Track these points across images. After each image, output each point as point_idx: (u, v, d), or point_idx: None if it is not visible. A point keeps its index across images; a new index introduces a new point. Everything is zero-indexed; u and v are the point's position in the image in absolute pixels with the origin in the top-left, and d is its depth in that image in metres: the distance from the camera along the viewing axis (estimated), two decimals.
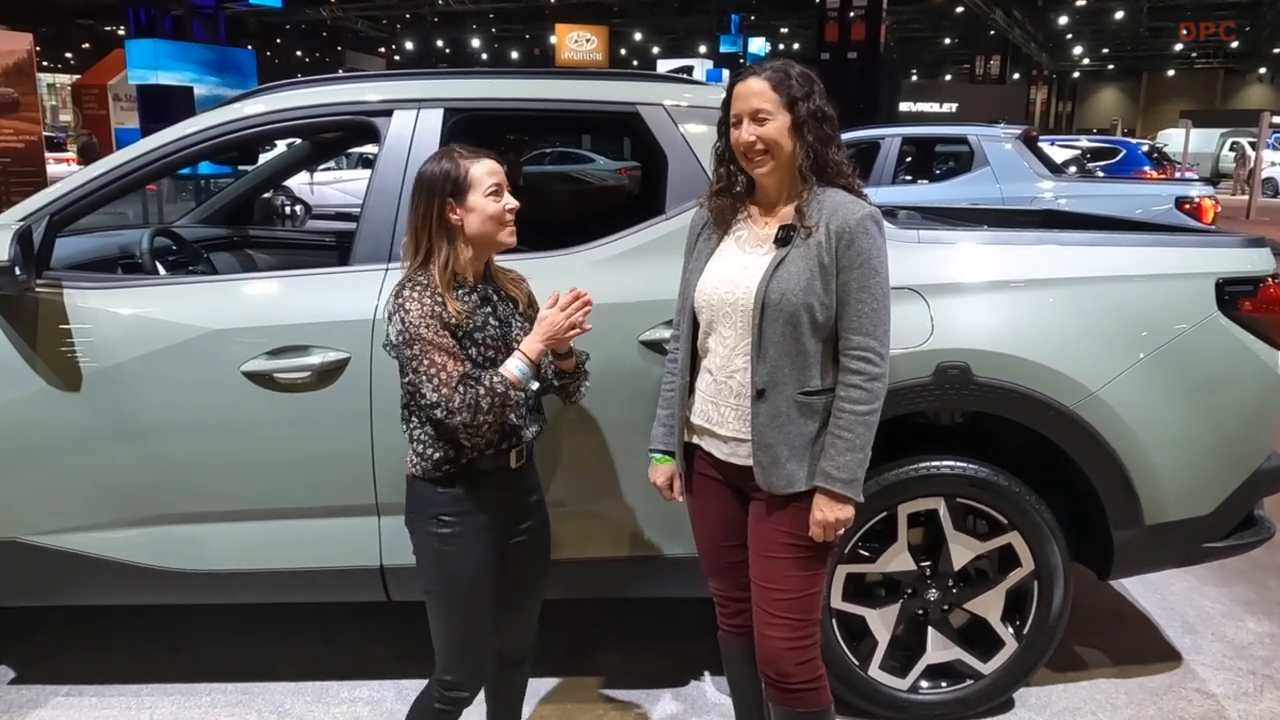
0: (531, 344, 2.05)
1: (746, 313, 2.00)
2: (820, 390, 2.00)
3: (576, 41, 27.32)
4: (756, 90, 1.97)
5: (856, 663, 2.69)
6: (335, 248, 3.89)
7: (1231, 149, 26.72)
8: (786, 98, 1.96)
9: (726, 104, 2.04)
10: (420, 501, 2.11)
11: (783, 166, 1.99)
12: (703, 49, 36.06)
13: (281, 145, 5.55)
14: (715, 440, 2.12)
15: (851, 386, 1.97)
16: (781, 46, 41.24)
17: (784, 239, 1.99)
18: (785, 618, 2.06)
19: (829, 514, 1.99)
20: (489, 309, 2.10)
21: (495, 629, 2.18)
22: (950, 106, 29.77)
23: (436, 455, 2.06)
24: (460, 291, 2.06)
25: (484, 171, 2.06)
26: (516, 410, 2.07)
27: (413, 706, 2.19)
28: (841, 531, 2.03)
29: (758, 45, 31.63)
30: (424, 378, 1.96)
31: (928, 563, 2.68)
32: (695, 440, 2.18)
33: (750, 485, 2.07)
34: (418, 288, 2.00)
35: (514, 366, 2.03)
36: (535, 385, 2.12)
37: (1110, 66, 55.00)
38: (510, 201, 2.09)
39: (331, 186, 16.00)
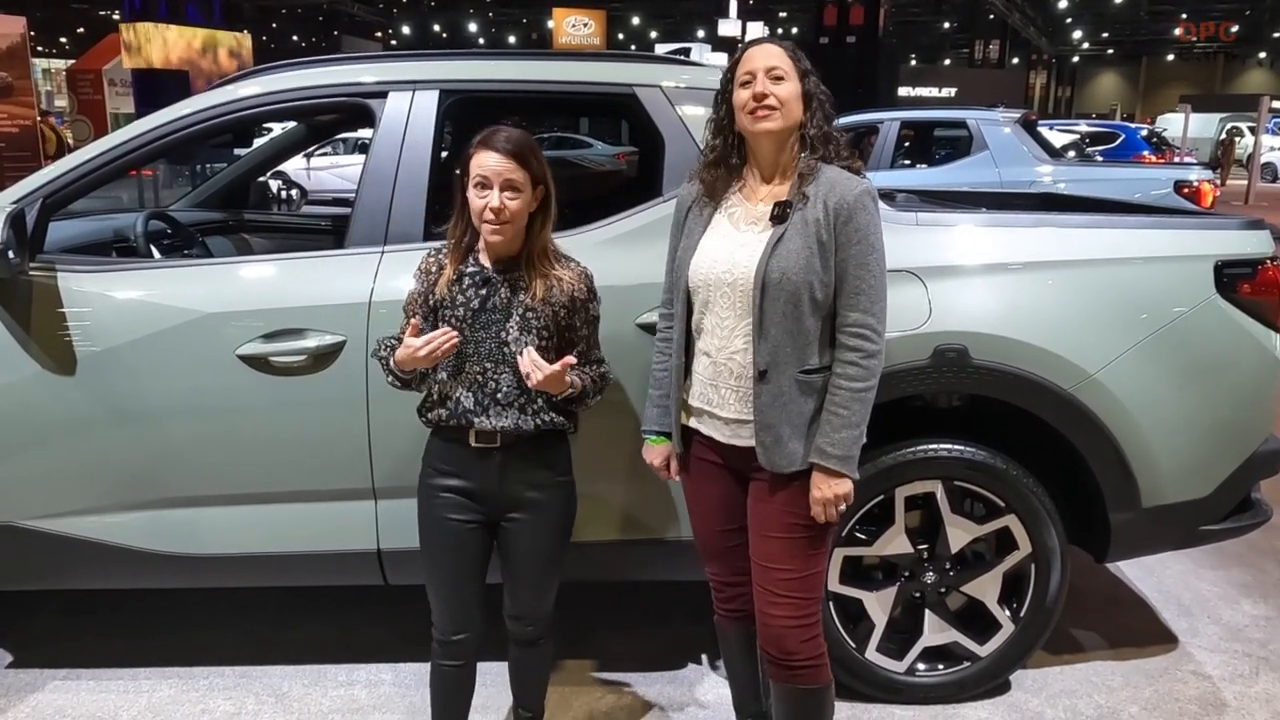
0: (399, 353, 2.08)
1: (746, 292, 1.98)
2: (819, 368, 1.99)
3: (574, 25, 27.13)
4: (774, 52, 2.00)
5: (854, 645, 2.69)
6: (331, 231, 3.88)
7: (1222, 135, 26.38)
8: (800, 68, 2.00)
9: (729, 74, 2.04)
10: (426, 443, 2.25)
11: (788, 130, 1.99)
12: (701, 33, 35.89)
13: (277, 129, 5.52)
14: (715, 422, 2.10)
15: (849, 364, 1.97)
16: (780, 30, 41.07)
17: (780, 216, 1.97)
18: (790, 597, 2.06)
19: (827, 491, 1.99)
20: (485, 291, 2.11)
21: (474, 598, 2.23)
22: (949, 91, 29.64)
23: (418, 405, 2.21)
24: (469, 269, 2.13)
25: (476, 163, 2.05)
26: (402, 378, 2.13)
27: None
28: (844, 508, 2.02)
29: (756, 29, 31.47)
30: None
31: (925, 546, 2.68)
32: (694, 424, 2.16)
33: (751, 467, 2.07)
34: (438, 253, 2.18)
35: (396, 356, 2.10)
36: (402, 378, 2.14)
37: (1110, 51, 54.83)
38: (493, 200, 2.03)
39: (328, 171, 15.95)
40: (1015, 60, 40.41)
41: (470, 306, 2.11)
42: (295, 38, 46.21)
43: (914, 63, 46.83)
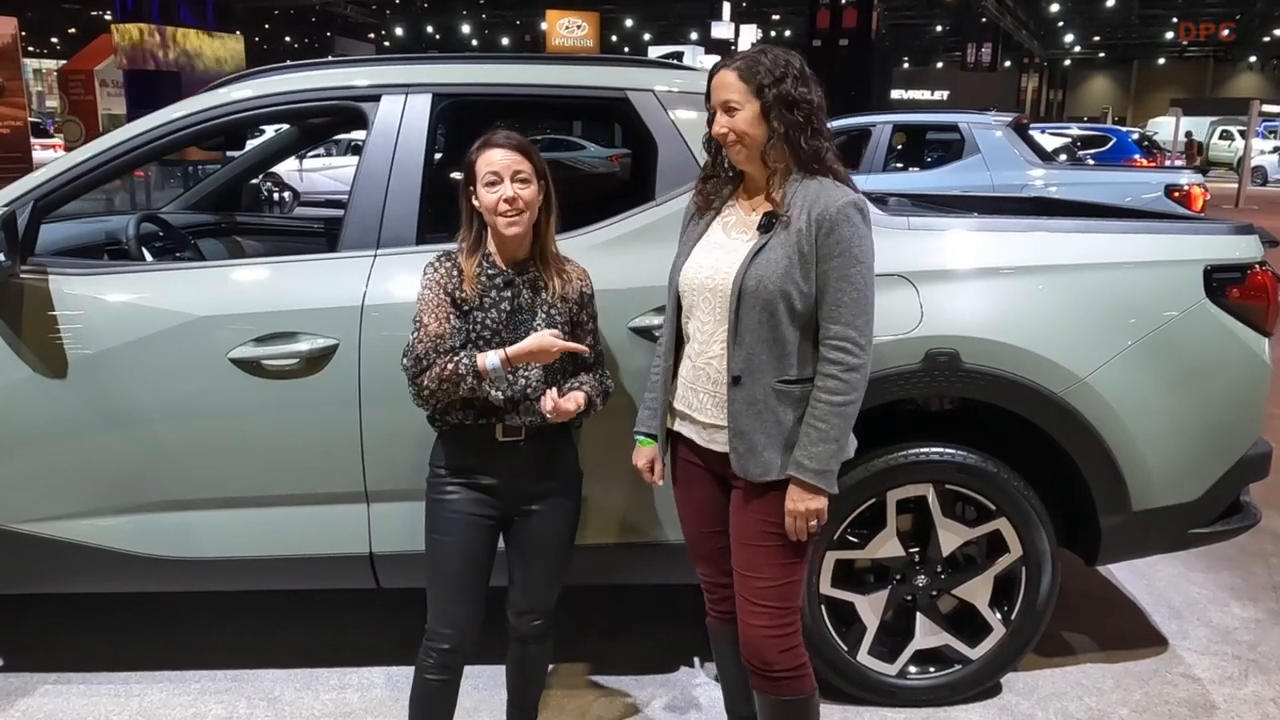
0: (516, 349, 2.11)
1: (724, 298, 1.99)
2: (800, 379, 1.98)
3: (568, 28, 27.15)
4: (726, 82, 1.99)
5: (845, 648, 2.70)
6: (324, 234, 3.87)
7: (1187, 136, 26.19)
8: (754, 85, 1.96)
9: (709, 95, 2.06)
10: (432, 448, 2.28)
11: (757, 154, 1.99)
12: (694, 36, 35.95)
13: (269, 131, 5.51)
14: (695, 426, 2.12)
15: (828, 376, 1.95)
16: (774, 34, 41.17)
17: (767, 225, 1.98)
18: (766, 606, 2.06)
19: (800, 504, 1.97)
20: (509, 293, 2.17)
21: (474, 596, 2.22)
22: (941, 94, 29.76)
23: (427, 411, 2.21)
24: (486, 272, 2.16)
25: (483, 162, 2.12)
26: (469, 389, 2.10)
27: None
28: (815, 524, 2.00)
29: (750, 32, 31.52)
30: (412, 328, 2.13)
31: (916, 549, 2.69)
32: (677, 427, 2.18)
33: (730, 472, 2.07)
34: (446, 258, 2.19)
35: (490, 358, 2.10)
36: (500, 386, 2.13)
37: (1101, 55, 55.08)
38: (506, 191, 2.10)
39: (321, 173, 15.93)
40: (1007, 64, 40.56)
41: (503, 309, 2.17)
42: (288, 39, 46.16)
43: (906, 66, 46.97)
